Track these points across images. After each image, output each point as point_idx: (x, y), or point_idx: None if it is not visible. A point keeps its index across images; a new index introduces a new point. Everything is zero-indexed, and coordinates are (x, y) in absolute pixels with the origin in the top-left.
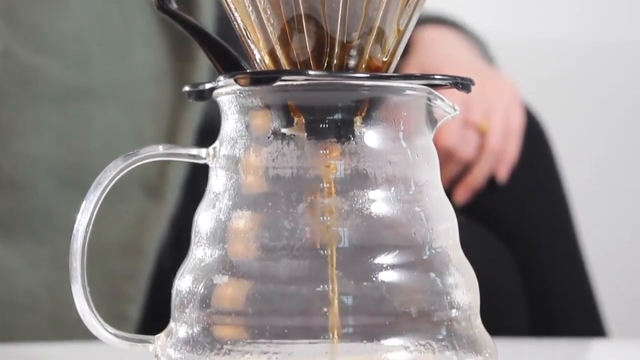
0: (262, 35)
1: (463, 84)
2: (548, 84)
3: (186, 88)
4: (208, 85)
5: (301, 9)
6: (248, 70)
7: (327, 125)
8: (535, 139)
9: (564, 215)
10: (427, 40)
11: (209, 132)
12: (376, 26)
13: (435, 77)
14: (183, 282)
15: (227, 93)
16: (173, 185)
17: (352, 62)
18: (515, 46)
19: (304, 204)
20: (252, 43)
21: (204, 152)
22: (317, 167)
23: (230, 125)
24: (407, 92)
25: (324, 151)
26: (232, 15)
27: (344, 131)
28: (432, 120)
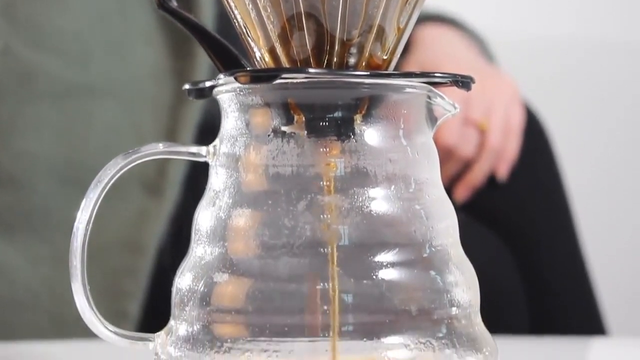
0: (262, 33)
1: (463, 82)
2: (548, 82)
3: (186, 86)
4: (208, 83)
5: (301, 7)
6: (248, 68)
7: (327, 123)
8: (535, 137)
9: (564, 213)
10: (427, 39)
11: (209, 129)
12: (376, 24)
13: (435, 75)
14: (183, 280)
15: (227, 91)
16: (173, 183)
17: (352, 60)
18: (515, 44)
19: (304, 202)
20: (252, 41)
21: (204, 150)
22: (317, 165)
23: (231, 123)
24: (407, 90)
25: (324, 149)
26: (232, 13)
27: (344, 129)
28: (432, 118)
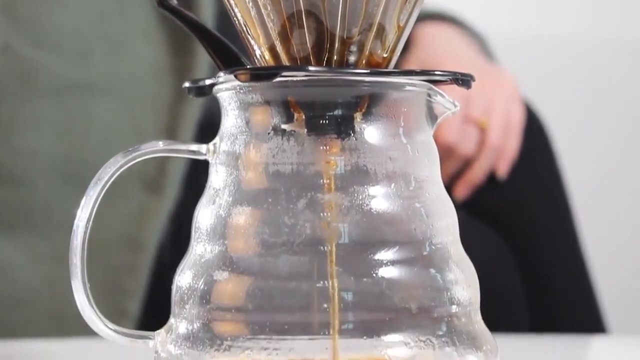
0: (262, 31)
1: (463, 80)
2: (548, 80)
3: (186, 84)
4: (208, 81)
5: (301, 5)
6: (248, 66)
7: (327, 121)
8: (535, 135)
9: (564, 211)
10: (427, 37)
11: (208, 127)
12: (376, 22)
13: (436, 73)
14: (183, 278)
15: (227, 89)
16: (173, 180)
17: (352, 58)
18: (515, 42)
19: (304, 200)
20: (252, 39)
21: (204, 148)
22: (317, 163)
23: (230, 121)
24: (407, 88)
25: (324, 147)
26: (232, 11)
27: (344, 127)
28: (432, 116)
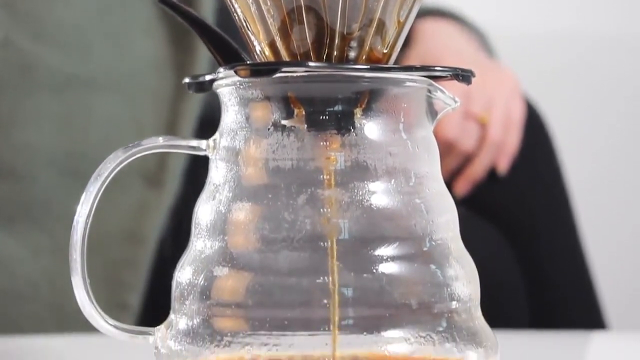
0: (262, 27)
1: (463, 76)
2: (548, 76)
3: (186, 80)
4: (208, 77)
5: (301, 1)
6: (248, 62)
7: (327, 117)
8: (535, 131)
9: (564, 207)
10: (427, 33)
11: (209, 122)
12: (376, 18)
13: (436, 68)
14: (183, 274)
15: (227, 85)
16: (173, 175)
17: (352, 53)
18: (515, 38)
19: (304, 196)
20: (252, 34)
21: (204, 143)
22: (317, 159)
23: (230, 117)
24: (408, 83)
25: (324, 143)
26: (232, 6)
27: (344, 123)
28: (432, 112)
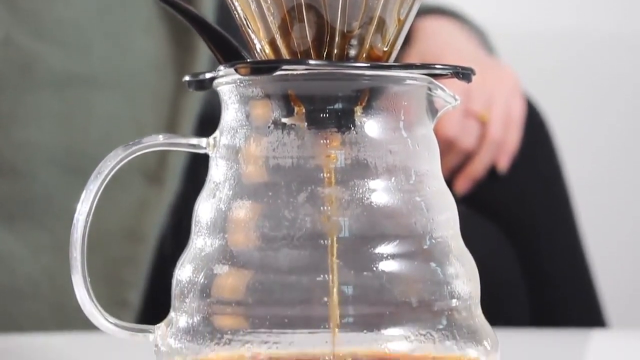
0: (262, 25)
1: (464, 74)
2: (548, 74)
3: (186, 78)
4: (208, 75)
5: None
6: (248, 60)
7: (327, 115)
8: (535, 129)
9: (564, 206)
10: (427, 31)
11: (209, 120)
12: (377, 16)
13: (436, 66)
14: (183, 272)
15: (227, 83)
16: (173, 173)
17: (352, 51)
18: (515, 36)
19: (304, 194)
20: (252, 32)
21: (204, 141)
22: (317, 157)
23: (231, 114)
24: (408, 81)
25: (324, 141)
26: (232, 4)
27: (344, 121)
28: (432, 110)
